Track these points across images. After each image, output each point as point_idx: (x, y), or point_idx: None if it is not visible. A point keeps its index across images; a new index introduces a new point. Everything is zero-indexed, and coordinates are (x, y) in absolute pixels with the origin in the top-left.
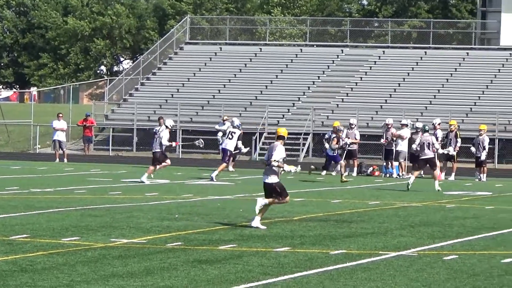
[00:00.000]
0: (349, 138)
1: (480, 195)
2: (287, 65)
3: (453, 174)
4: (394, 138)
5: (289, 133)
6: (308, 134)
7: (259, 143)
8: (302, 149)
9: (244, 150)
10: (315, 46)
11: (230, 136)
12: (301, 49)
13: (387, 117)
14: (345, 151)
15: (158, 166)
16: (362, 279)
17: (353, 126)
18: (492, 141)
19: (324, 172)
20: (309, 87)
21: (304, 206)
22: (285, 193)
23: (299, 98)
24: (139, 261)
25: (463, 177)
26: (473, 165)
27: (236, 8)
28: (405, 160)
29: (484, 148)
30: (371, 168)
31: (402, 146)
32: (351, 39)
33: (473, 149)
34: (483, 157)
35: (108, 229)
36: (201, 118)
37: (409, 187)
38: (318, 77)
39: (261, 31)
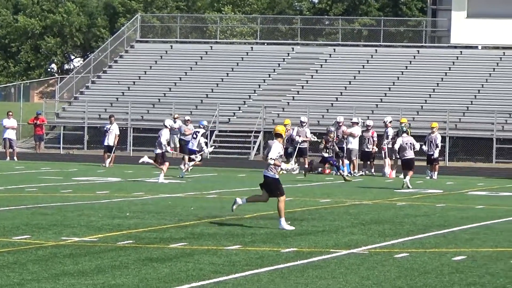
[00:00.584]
0: (300, 136)
1: (431, 193)
2: (237, 63)
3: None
4: (345, 136)
5: (239, 131)
6: (259, 132)
7: (210, 141)
8: (253, 147)
9: (207, 150)
10: (265, 44)
11: (194, 135)
12: (251, 47)
13: (338, 115)
14: (296, 149)
15: (161, 166)
16: (313, 277)
17: (304, 124)
18: (443, 138)
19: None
20: (259, 85)
21: (255, 205)
22: (276, 192)
23: (249, 96)
24: (90, 259)
25: (414, 175)
26: (424, 163)
27: (187, 6)
28: (356, 158)
29: (436, 146)
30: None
31: (353, 144)
32: (302, 37)
33: (425, 147)
34: (436, 154)
35: (59, 227)
36: (152, 116)
37: (404, 186)
38: (269, 75)
39: (212, 29)
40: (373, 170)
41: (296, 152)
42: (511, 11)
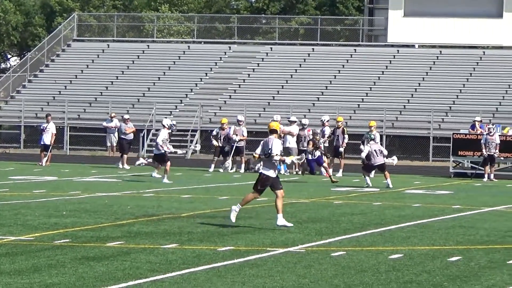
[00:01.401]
0: (237, 135)
1: (368, 191)
2: (174, 62)
3: (341, 170)
4: (282, 135)
5: (177, 130)
6: (195, 130)
7: (146, 139)
8: (190, 145)
9: (171, 150)
10: (202, 43)
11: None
12: (188, 46)
13: (275, 113)
14: (233, 148)
15: (165, 166)
16: (250, 275)
17: (240, 123)
18: (380, 137)
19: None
20: (196, 84)
21: (191, 203)
22: (279, 187)
23: (186, 95)
24: (27, 258)
25: (351, 174)
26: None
27: (123, 5)
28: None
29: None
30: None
31: (292, 143)
32: (239, 36)
33: (362, 147)
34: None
35: None
36: (89, 115)
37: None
38: (206, 74)
39: (149, 28)
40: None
41: (233, 151)
42: (448, 10)
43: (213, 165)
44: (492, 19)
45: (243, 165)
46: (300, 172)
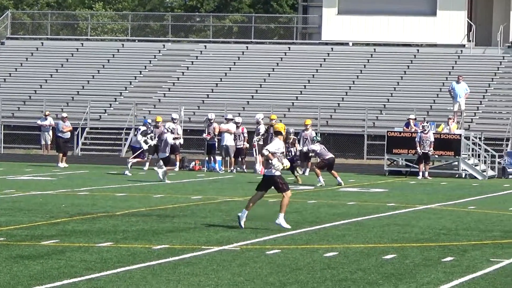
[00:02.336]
0: (173, 133)
1: (303, 189)
2: (109, 60)
3: None
4: (216, 133)
5: (110, 128)
6: (130, 129)
7: (81, 138)
8: (124, 144)
9: (146, 147)
10: (136, 41)
11: (135, 132)
12: (122, 44)
13: (209, 111)
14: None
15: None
16: (185, 273)
17: (175, 121)
18: (316, 134)
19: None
20: (131, 82)
21: (126, 201)
22: (287, 187)
23: (121, 93)
24: None
25: (285, 172)
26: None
27: (57, 3)
28: (233, 154)
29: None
30: (193, 163)
31: (229, 141)
32: (173, 34)
33: (298, 146)
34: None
35: None
36: (23, 114)
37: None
38: (140, 72)
39: (83, 26)
40: (244, 167)
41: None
42: (382, 8)
43: (147, 163)
44: (426, 17)
45: (177, 163)
46: (260, 171)
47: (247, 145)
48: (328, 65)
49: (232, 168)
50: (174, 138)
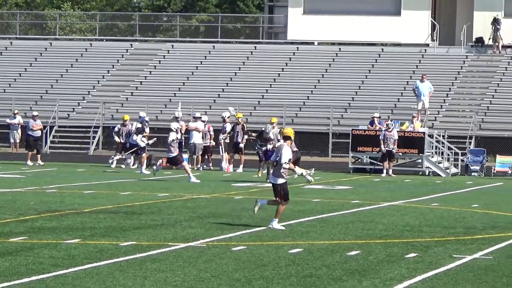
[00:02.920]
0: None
1: (268, 186)
2: (77, 59)
3: (241, 166)
4: (183, 131)
5: (79, 127)
6: (98, 127)
7: (49, 136)
8: (92, 142)
9: (142, 144)
10: (104, 40)
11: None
12: (91, 44)
13: (177, 110)
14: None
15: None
16: (152, 270)
17: (179, 119)
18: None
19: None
20: (99, 81)
21: (94, 199)
22: (286, 197)
23: (89, 92)
24: None
25: (251, 169)
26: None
27: (26, 3)
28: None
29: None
30: (161, 161)
31: (198, 139)
32: (140, 34)
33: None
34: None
35: None
36: None
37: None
38: (108, 71)
39: (51, 25)
40: (211, 165)
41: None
42: (347, 8)
43: (115, 161)
44: (390, 16)
45: (145, 161)
46: (226, 169)
47: (213, 143)
48: (293, 64)
49: (198, 165)
50: (143, 137)
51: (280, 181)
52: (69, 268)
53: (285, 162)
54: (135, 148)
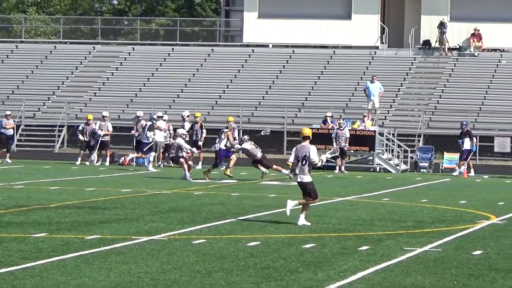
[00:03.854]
0: (102, 130)
1: (226, 183)
2: (42, 61)
3: (200, 163)
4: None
5: (44, 126)
6: (63, 126)
7: (16, 135)
8: (57, 140)
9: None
10: (68, 43)
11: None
12: (55, 46)
13: (138, 110)
14: (98, 142)
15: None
16: (116, 262)
17: (105, 119)
18: (238, 132)
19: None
20: (63, 82)
21: (60, 194)
22: (314, 194)
23: (54, 92)
24: None
25: (209, 166)
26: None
27: None
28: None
29: (234, 138)
30: (123, 158)
31: (160, 137)
32: (103, 37)
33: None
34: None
35: None
36: None
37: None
38: (72, 72)
39: (17, 29)
40: (171, 162)
41: (98, 145)
42: (300, 12)
43: (79, 158)
44: (341, 20)
45: (108, 158)
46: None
47: (173, 141)
48: (249, 66)
49: (159, 162)
50: (104, 135)
51: (308, 179)
52: (37, 260)
53: (319, 160)
54: (150, 145)
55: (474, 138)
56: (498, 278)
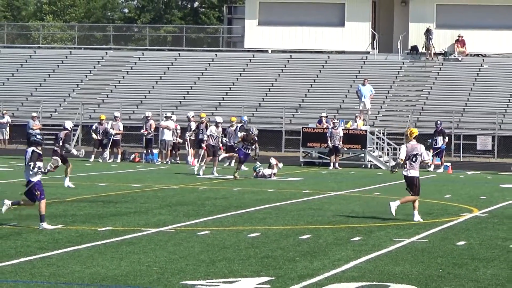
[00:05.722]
0: (113, 129)
1: (229, 178)
2: (58, 65)
3: (205, 160)
4: (152, 129)
5: (60, 125)
6: (77, 126)
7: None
8: (72, 139)
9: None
10: (82, 48)
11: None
12: (70, 52)
13: (147, 110)
14: (110, 141)
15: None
16: (127, 252)
17: (117, 119)
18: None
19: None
20: (78, 85)
21: (74, 189)
22: (418, 190)
23: (69, 94)
24: None
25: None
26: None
27: (13, 15)
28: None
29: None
30: (133, 155)
31: (168, 136)
32: (114, 43)
33: (225, 139)
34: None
35: None
36: None
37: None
38: (86, 76)
39: (35, 35)
40: (178, 159)
41: (110, 143)
42: (297, 20)
43: (93, 156)
44: (335, 27)
45: (119, 156)
46: (191, 163)
47: (180, 140)
48: (250, 70)
49: (167, 159)
50: (116, 134)
51: (416, 174)
52: (54, 250)
53: (429, 159)
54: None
55: (447, 138)
56: (480, 267)
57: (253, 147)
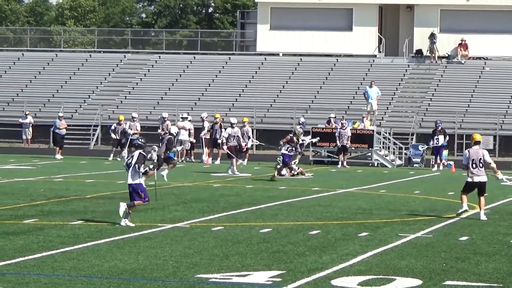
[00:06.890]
0: (131, 129)
1: (242, 176)
2: (78, 68)
3: (219, 158)
4: (169, 129)
5: (81, 125)
6: (97, 126)
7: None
8: (92, 138)
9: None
10: (102, 52)
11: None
12: (90, 55)
13: (163, 111)
14: (128, 140)
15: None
16: (144, 246)
17: (135, 119)
18: (252, 131)
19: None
20: (97, 86)
21: (94, 186)
22: (484, 192)
23: (89, 96)
24: None
25: (228, 161)
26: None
27: (35, 20)
28: (188, 147)
29: (249, 137)
30: (150, 154)
31: (185, 136)
32: (132, 46)
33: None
34: (249, 144)
35: None
36: (7, 113)
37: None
38: (105, 78)
39: (57, 39)
40: (192, 158)
41: (128, 143)
42: (307, 25)
43: (112, 155)
44: (343, 32)
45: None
46: (206, 161)
47: (194, 140)
48: (262, 72)
49: (183, 158)
50: (133, 133)
51: (485, 179)
52: (74, 245)
53: (495, 165)
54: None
55: (447, 136)
56: (482, 261)
57: (298, 147)
